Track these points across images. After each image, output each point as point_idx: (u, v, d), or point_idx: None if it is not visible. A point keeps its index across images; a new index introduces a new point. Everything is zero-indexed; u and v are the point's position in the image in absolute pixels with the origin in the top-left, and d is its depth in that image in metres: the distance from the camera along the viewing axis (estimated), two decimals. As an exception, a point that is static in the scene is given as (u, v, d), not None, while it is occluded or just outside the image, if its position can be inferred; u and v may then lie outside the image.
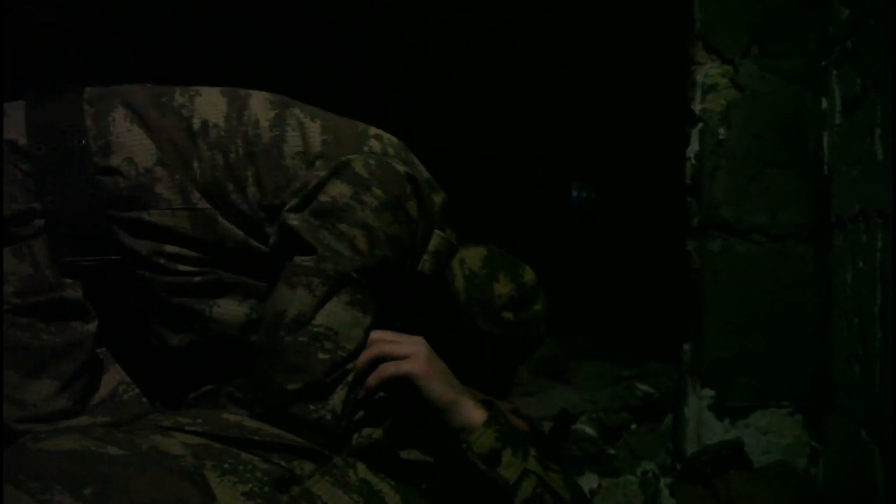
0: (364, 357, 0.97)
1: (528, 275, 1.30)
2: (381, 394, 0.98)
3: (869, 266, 1.35)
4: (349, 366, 0.97)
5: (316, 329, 0.95)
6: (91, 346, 0.95)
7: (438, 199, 1.12)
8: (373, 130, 1.10)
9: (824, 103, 1.59)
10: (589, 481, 1.59)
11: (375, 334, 0.99)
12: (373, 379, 0.96)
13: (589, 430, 1.71)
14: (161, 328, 1.02)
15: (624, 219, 3.11)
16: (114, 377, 0.98)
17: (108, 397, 0.96)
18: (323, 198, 0.99)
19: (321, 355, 0.95)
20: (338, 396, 0.95)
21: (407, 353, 0.96)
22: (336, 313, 0.96)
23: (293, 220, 0.98)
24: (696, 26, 1.63)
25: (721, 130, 1.62)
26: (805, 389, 1.61)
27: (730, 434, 1.60)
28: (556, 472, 0.98)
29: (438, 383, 0.95)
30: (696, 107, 1.64)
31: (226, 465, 0.82)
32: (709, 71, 1.62)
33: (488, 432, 0.94)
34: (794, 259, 1.61)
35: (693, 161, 1.66)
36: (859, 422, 1.39)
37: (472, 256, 1.27)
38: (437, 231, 1.11)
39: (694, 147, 1.65)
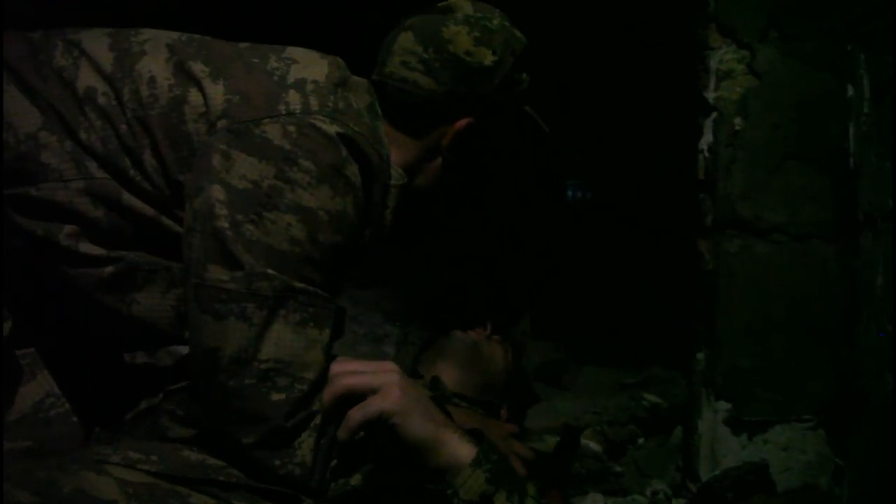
0: (327, 396, 0.82)
1: (459, 4, 1.06)
2: (361, 434, 0.84)
3: (905, 268, 1.24)
4: (315, 404, 0.82)
5: (263, 366, 0.79)
6: (2, 350, 0.81)
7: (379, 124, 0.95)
8: (293, 76, 0.91)
9: (850, 90, 1.46)
10: (594, 502, 1.46)
11: (337, 366, 0.84)
12: (342, 433, 0.81)
13: (594, 445, 1.57)
14: (84, 327, 0.87)
15: (624, 216, 2.99)
16: (41, 387, 0.83)
17: (30, 412, 0.81)
18: (241, 183, 0.81)
19: (275, 396, 0.79)
20: (306, 445, 0.81)
21: (375, 385, 0.82)
22: (284, 340, 0.80)
23: (218, 220, 0.80)
24: (710, 7, 1.50)
25: (737, 121, 1.49)
26: (829, 402, 1.48)
27: (747, 450, 1.47)
28: None
29: (416, 418, 0.81)
30: (710, 95, 1.50)
31: None
32: (724, 56, 1.49)
33: (477, 473, 0.81)
34: (818, 260, 1.48)
35: (707, 154, 1.53)
36: (891, 438, 1.27)
37: (404, 40, 1.02)
38: (392, 184, 0.94)
39: (707, 139, 1.52)
